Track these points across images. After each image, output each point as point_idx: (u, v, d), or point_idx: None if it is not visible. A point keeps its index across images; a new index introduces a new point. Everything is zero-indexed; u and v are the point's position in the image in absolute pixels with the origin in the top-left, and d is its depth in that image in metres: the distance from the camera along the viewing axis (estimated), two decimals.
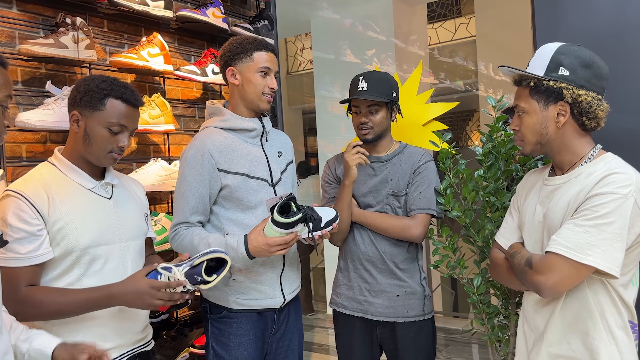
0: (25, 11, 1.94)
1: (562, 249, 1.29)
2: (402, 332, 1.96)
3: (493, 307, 1.94)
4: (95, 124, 1.48)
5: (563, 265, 1.28)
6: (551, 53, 1.39)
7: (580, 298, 1.35)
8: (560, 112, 1.37)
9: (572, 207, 1.34)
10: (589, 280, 1.33)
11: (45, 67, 2.00)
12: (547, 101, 1.38)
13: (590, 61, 1.37)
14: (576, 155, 1.40)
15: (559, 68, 1.37)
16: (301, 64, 7.48)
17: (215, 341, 1.81)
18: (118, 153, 1.53)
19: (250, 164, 1.80)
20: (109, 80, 1.51)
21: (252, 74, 1.78)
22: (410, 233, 1.91)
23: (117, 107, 1.49)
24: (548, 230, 1.40)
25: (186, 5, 2.53)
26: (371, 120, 1.93)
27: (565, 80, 1.36)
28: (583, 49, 1.39)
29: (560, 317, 1.38)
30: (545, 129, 1.39)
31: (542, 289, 1.32)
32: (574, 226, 1.29)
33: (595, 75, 1.36)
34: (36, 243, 1.40)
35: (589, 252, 1.26)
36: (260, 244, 1.64)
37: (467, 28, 6.34)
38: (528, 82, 1.41)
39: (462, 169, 1.97)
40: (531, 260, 1.36)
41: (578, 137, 1.39)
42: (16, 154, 1.91)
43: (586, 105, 1.35)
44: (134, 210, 1.66)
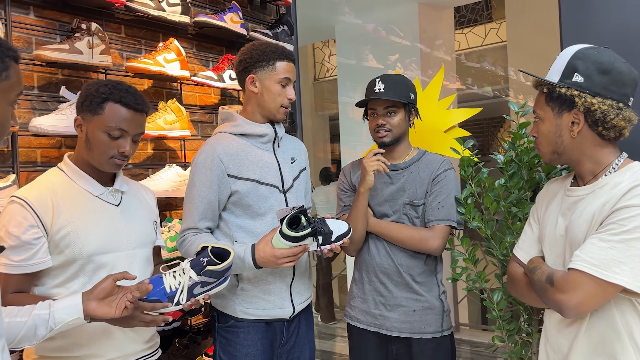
0: (42, 17, 1.96)
1: (586, 266, 1.19)
2: (418, 349, 1.87)
3: (514, 324, 1.84)
4: (95, 129, 1.46)
5: (587, 284, 1.19)
6: (568, 58, 1.30)
7: (607, 318, 1.25)
8: (574, 121, 1.29)
9: (596, 221, 1.24)
10: (616, 300, 1.23)
11: (61, 72, 2.00)
12: (561, 109, 1.30)
13: (609, 67, 1.27)
14: (599, 165, 1.30)
15: (573, 74, 1.28)
16: (328, 70, 7.46)
17: (222, 351, 1.77)
18: (120, 159, 1.49)
19: (261, 169, 1.76)
20: (111, 84, 1.48)
21: (273, 83, 1.74)
22: (428, 245, 1.83)
23: (117, 111, 1.46)
24: (570, 244, 1.30)
25: (204, 10, 2.52)
26: (388, 122, 1.87)
27: (579, 87, 1.27)
28: (606, 52, 1.29)
29: (585, 338, 1.28)
30: (559, 137, 1.31)
31: (564, 308, 1.23)
32: (599, 241, 1.20)
33: (614, 81, 1.26)
34: (30, 252, 1.38)
35: (616, 269, 1.17)
36: (267, 254, 1.60)
37: (498, 33, 6.21)
38: (542, 88, 1.34)
39: (484, 177, 1.88)
40: (552, 277, 1.27)
41: (598, 146, 1.30)
42: (31, 158, 1.92)
43: (601, 114, 1.25)
44: (142, 218, 1.63)
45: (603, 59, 1.27)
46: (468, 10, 6.33)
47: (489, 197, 1.85)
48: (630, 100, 1.29)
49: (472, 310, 5.25)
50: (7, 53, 1.08)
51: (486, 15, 6.33)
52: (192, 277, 1.45)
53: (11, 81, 1.09)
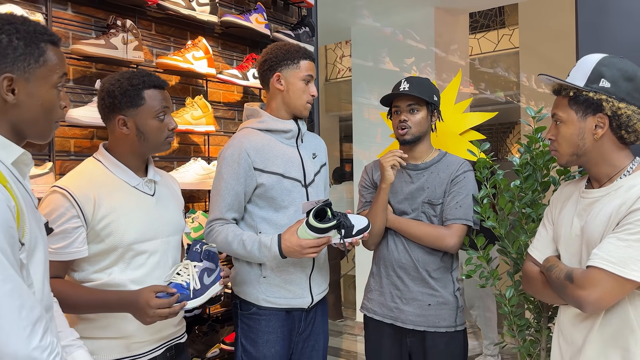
0: (79, 13, 2.04)
1: (605, 264, 1.26)
2: (432, 342, 1.94)
3: (524, 320, 1.90)
4: (144, 118, 1.53)
5: (606, 280, 1.26)
6: (593, 64, 1.37)
7: (621, 313, 1.31)
8: (598, 124, 1.35)
9: (613, 221, 1.31)
10: (630, 296, 1.30)
11: (95, 66, 2.09)
12: (586, 112, 1.36)
13: (633, 74, 1.34)
14: (614, 168, 1.37)
15: (600, 79, 1.35)
16: (340, 71, 7.53)
17: (244, 337, 1.85)
18: (172, 137, 1.61)
19: (285, 164, 1.84)
20: (136, 75, 1.55)
21: (297, 81, 1.84)
22: (445, 242, 1.90)
23: (154, 95, 1.56)
24: (587, 244, 1.37)
25: (230, 10, 2.60)
26: (410, 119, 1.93)
27: (606, 92, 1.34)
28: (627, 61, 1.37)
29: (599, 332, 1.35)
30: (582, 140, 1.38)
31: (584, 304, 1.30)
32: (617, 240, 1.27)
33: (637, 88, 1.34)
34: (68, 241, 1.44)
35: (634, 266, 1.24)
36: (293, 244, 1.67)
37: (510, 39, 6.26)
38: (567, 92, 1.40)
39: (500, 179, 1.94)
40: (572, 275, 1.34)
41: (617, 150, 1.37)
42: (65, 148, 2.00)
43: (626, 118, 1.32)
44: (174, 207, 1.71)
45: (627, 67, 1.35)
46: (481, 15, 6.38)
47: (504, 197, 1.91)
48: None
49: None
50: (42, 38, 1.11)
51: (499, 21, 6.38)
52: (197, 266, 1.53)
53: (50, 65, 1.12)
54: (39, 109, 1.12)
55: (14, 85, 1.08)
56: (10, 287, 0.98)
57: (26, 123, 1.13)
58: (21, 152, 1.12)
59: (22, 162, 1.14)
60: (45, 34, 1.12)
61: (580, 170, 1.77)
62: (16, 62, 1.08)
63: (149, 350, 1.58)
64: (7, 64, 1.07)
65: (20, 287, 1.00)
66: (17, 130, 1.12)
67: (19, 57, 1.08)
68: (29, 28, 1.10)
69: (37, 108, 1.12)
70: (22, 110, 1.11)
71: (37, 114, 1.13)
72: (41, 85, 1.12)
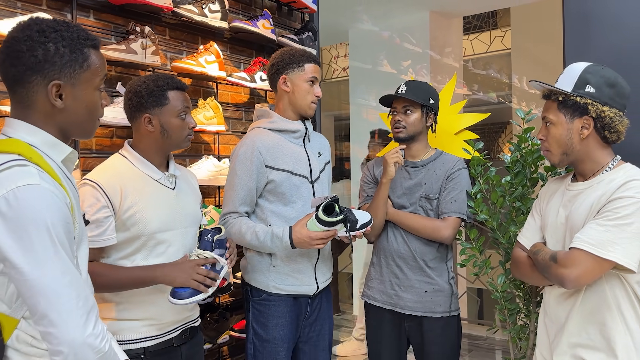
0: (100, 19, 2.18)
1: (585, 245, 1.42)
2: (429, 327, 2.10)
3: (515, 305, 2.07)
4: (168, 117, 1.68)
5: (586, 260, 1.41)
6: (579, 72, 1.53)
7: (599, 292, 1.48)
8: (584, 126, 1.51)
9: (594, 209, 1.47)
10: (607, 276, 1.46)
11: (115, 69, 2.23)
12: (573, 115, 1.52)
13: (614, 81, 1.51)
14: (598, 164, 1.53)
15: (586, 85, 1.51)
16: (335, 71, 7.67)
17: (255, 321, 1.99)
18: (192, 134, 1.75)
19: (293, 162, 1.98)
20: (161, 78, 1.70)
21: (302, 82, 1.98)
22: (440, 234, 2.05)
23: (177, 96, 1.70)
24: (570, 230, 1.53)
25: (238, 16, 2.74)
26: (404, 120, 2.09)
27: (591, 96, 1.50)
28: (609, 69, 1.53)
29: (580, 309, 1.51)
30: (570, 140, 1.53)
31: (566, 281, 1.45)
32: (597, 225, 1.43)
33: (618, 94, 1.50)
34: (102, 229, 1.57)
35: (610, 248, 1.39)
36: (303, 236, 1.82)
37: (503, 41, 6.43)
38: (557, 97, 1.55)
39: (492, 175, 2.11)
40: (556, 256, 1.50)
41: (600, 148, 1.53)
42: (87, 146, 2.14)
43: (609, 120, 1.49)
44: (192, 200, 1.85)
45: (609, 74, 1.52)
46: (474, 17, 6.54)
47: (495, 192, 2.08)
48: (625, 110, 1.53)
49: (471, 307, 5.48)
50: (86, 43, 1.17)
51: (492, 22, 6.54)
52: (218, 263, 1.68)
53: (93, 68, 1.18)
54: (84, 110, 1.20)
55: (61, 91, 1.15)
56: (69, 279, 1.07)
57: (73, 124, 1.20)
58: (69, 151, 1.21)
59: (70, 160, 1.23)
60: (88, 39, 1.18)
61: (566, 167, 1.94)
62: (63, 69, 1.14)
63: (167, 332, 1.72)
64: (55, 71, 1.13)
65: (77, 279, 1.10)
66: (64, 130, 1.20)
67: (66, 64, 1.14)
68: (73, 34, 1.15)
69: (82, 110, 1.19)
70: (69, 113, 1.18)
71: (83, 115, 1.20)
72: (86, 88, 1.18)
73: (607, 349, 1.45)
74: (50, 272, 1.05)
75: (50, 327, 1.05)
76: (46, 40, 1.12)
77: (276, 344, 1.96)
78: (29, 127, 1.16)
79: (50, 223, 1.05)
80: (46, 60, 1.12)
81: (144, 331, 1.67)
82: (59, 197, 1.09)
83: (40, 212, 1.05)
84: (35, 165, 1.10)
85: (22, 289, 1.06)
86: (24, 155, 1.10)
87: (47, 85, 1.14)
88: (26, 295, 1.06)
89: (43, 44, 1.12)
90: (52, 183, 1.10)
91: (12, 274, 1.06)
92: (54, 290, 1.05)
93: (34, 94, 1.14)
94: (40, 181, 1.07)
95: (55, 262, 1.06)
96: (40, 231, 1.04)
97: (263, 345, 1.97)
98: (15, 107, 1.18)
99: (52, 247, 1.05)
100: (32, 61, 1.12)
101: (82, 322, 1.08)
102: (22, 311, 1.13)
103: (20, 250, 1.03)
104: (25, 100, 1.16)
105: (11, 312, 1.12)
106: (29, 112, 1.16)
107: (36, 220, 1.04)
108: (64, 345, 1.06)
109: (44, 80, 1.13)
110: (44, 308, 1.05)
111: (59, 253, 1.06)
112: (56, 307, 1.05)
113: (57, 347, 1.06)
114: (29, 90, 1.14)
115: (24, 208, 1.04)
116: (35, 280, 1.04)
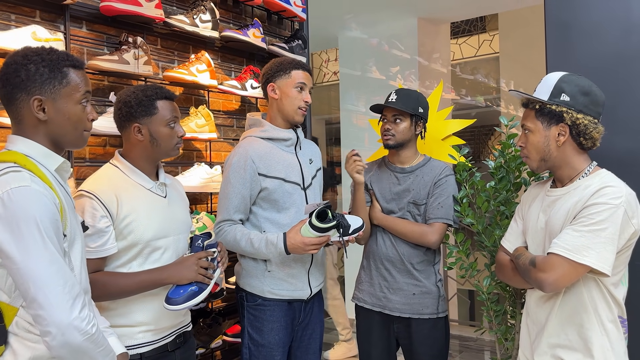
0: (93, 30, 2.22)
1: (562, 251, 1.48)
2: (417, 328, 2.15)
3: (500, 306, 2.13)
4: (157, 126, 1.72)
5: (563, 265, 1.47)
6: (555, 81, 1.59)
7: (577, 294, 1.54)
8: (560, 133, 1.57)
9: (571, 215, 1.53)
10: (584, 279, 1.52)
11: (107, 79, 2.27)
12: (550, 122, 1.58)
13: (588, 89, 1.57)
14: (575, 170, 1.60)
15: (561, 94, 1.57)
16: (325, 75, 7.72)
17: (250, 326, 2.04)
18: (180, 142, 1.80)
19: (285, 169, 2.03)
20: (150, 88, 1.75)
21: (290, 88, 2.03)
22: (427, 239, 2.11)
23: (166, 105, 1.75)
24: (549, 235, 1.59)
25: (229, 26, 2.79)
26: (394, 128, 2.15)
27: (566, 105, 1.56)
28: (583, 78, 1.60)
29: (559, 311, 1.57)
30: (547, 146, 1.59)
31: (544, 284, 1.51)
32: (573, 231, 1.49)
33: (592, 102, 1.56)
34: (104, 239, 1.62)
35: (585, 253, 1.45)
36: (297, 242, 1.87)
37: (491, 44, 6.51)
38: (534, 105, 1.62)
39: (477, 180, 2.17)
40: (535, 260, 1.56)
41: (576, 154, 1.59)
42: (81, 155, 2.17)
43: (583, 127, 1.55)
44: (182, 208, 1.90)
45: (584, 83, 1.58)
46: (463, 21, 6.62)
47: (481, 197, 2.14)
48: (600, 118, 1.59)
49: (461, 309, 5.54)
50: (65, 63, 1.32)
51: (480, 26, 6.63)
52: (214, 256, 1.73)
53: (73, 85, 1.32)
54: (67, 122, 1.33)
55: (43, 105, 1.30)
56: (56, 267, 1.20)
57: (59, 135, 1.34)
58: (62, 161, 1.35)
59: (63, 169, 1.37)
60: (67, 60, 1.33)
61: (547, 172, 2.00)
62: (43, 85, 1.29)
63: (162, 337, 1.76)
64: (36, 88, 1.29)
65: (64, 268, 1.23)
66: (54, 141, 1.34)
67: (45, 81, 1.29)
68: (52, 57, 1.31)
69: (65, 122, 1.33)
70: (54, 124, 1.32)
71: (66, 126, 1.34)
72: (67, 102, 1.32)
73: (585, 349, 1.51)
74: (39, 261, 1.19)
75: (40, 309, 1.18)
76: (28, 62, 1.29)
77: (271, 349, 2.00)
78: (25, 140, 1.32)
79: (39, 219, 1.19)
80: (28, 78, 1.28)
81: (141, 337, 1.71)
82: (47, 197, 1.23)
83: (30, 210, 1.19)
84: (28, 171, 1.25)
85: (15, 276, 1.20)
86: (18, 163, 1.25)
87: (30, 100, 1.29)
88: (19, 282, 1.20)
89: (25, 66, 1.28)
90: (42, 186, 1.24)
91: (7, 264, 1.20)
92: (41, 277, 1.18)
93: (21, 109, 1.31)
94: (31, 183, 1.22)
95: (43, 252, 1.19)
96: (30, 226, 1.18)
97: (259, 350, 2.01)
98: (12, 124, 1.35)
99: (40, 240, 1.19)
100: (17, 81, 1.28)
101: (68, 305, 1.20)
102: (20, 300, 1.25)
103: (13, 242, 1.18)
104: (17, 116, 1.32)
105: (11, 301, 1.26)
106: (21, 126, 1.33)
107: (27, 217, 1.18)
108: (52, 326, 1.18)
109: (27, 96, 1.29)
110: (33, 293, 1.18)
111: (46, 245, 1.20)
112: (44, 291, 1.18)
113: (46, 328, 1.18)
114: (17, 107, 1.31)
115: (16, 206, 1.18)
116: (26, 268, 1.18)
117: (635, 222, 1.48)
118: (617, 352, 1.50)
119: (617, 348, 1.51)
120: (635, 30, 2.03)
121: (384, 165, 2.29)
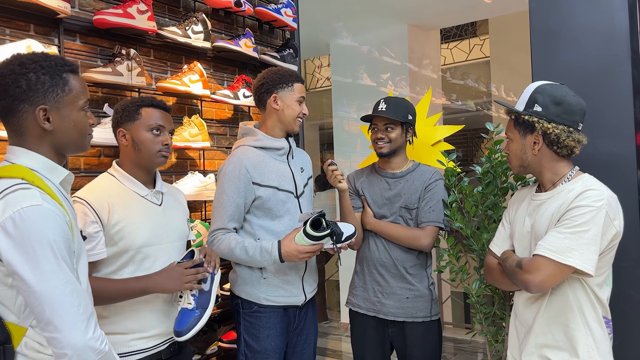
0: (87, 43, 2.25)
1: (547, 252, 1.52)
2: (410, 331, 2.19)
3: (490, 308, 2.17)
4: (139, 131, 1.76)
5: (548, 266, 1.52)
6: (530, 92, 1.65)
7: (563, 295, 1.58)
8: (535, 141, 1.63)
9: (555, 218, 1.58)
10: (569, 280, 1.57)
11: (101, 91, 2.30)
12: (525, 132, 1.65)
13: (561, 99, 1.61)
14: (557, 175, 1.65)
15: (534, 105, 1.63)
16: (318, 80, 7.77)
17: (246, 333, 2.06)
18: (165, 151, 1.80)
19: (279, 178, 2.07)
20: (140, 97, 1.82)
21: (292, 101, 2.09)
22: (420, 242, 2.16)
23: (151, 112, 1.79)
24: (535, 238, 1.63)
25: (221, 36, 2.83)
26: (387, 136, 2.20)
27: (538, 115, 1.62)
28: (558, 88, 1.64)
29: (546, 312, 1.61)
30: (524, 154, 1.66)
31: (530, 286, 1.55)
32: (557, 233, 1.54)
33: (565, 111, 1.61)
34: (92, 244, 1.65)
35: (569, 254, 1.50)
36: (291, 250, 1.90)
37: (482, 49, 6.58)
38: (511, 115, 1.69)
39: (465, 185, 2.21)
40: (521, 262, 1.60)
41: (555, 161, 1.64)
42: (76, 165, 2.20)
43: (555, 137, 1.60)
44: (179, 216, 1.93)
45: (557, 93, 1.62)
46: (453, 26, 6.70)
47: (469, 202, 2.18)
48: (579, 125, 1.63)
49: (455, 311, 5.58)
50: (64, 69, 1.27)
51: (471, 31, 6.70)
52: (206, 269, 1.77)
53: (75, 91, 1.29)
54: (72, 130, 1.31)
55: (48, 114, 1.26)
56: (70, 288, 1.19)
57: (65, 143, 1.31)
58: (67, 174, 1.33)
59: (67, 181, 1.35)
60: (65, 65, 1.29)
61: (534, 178, 2.05)
62: (47, 94, 1.25)
63: (155, 345, 1.78)
64: (39, 98, 1.24)
65: (78, 289, 1.21)
66: (58, 150, 1.32)
67: (48, 90, 1.25)
68: (50, 63, 1.26)
69: (71, 130, 1.30)
70: (60, 134, 1.29)
71: (72, 134, 1.31)
72: (71, 110, 1.29)
73: (570, 348, 1.56)
74: (54, 284, 1.16)
75: (55, 332, 1.17)
76: (27, 71, 1.23)
77: (268, 355, 2.03)
78: (28, 153, 1.27)
79: (52, 240, 1.17)
80: (30, 88, 1.23)
81: (133, 344, 1.73)
82: (59, 215, 1.20)
83: (43, 230, 1.16)
84: (37, 188, 1.21)
85: (29, 299, 1.17)
86: (26, 179, 1.21)
87: (35, 111, 1.25)
88: (33, 305, 1.17)
89: (24, 75, 1.23)
90: (52, 203, 1.21)
91: (20, 286, 1.17)
92: (57, 300, 1.17)
93: (24, 121, 1.26)
94: (42, 202, 1.18)
95: (58, 274, 1.17)
96: (44, 247, 1.16)
97: (255, 357, 2.04)
98: (11, 136, 1.30)
99: (55, 261, 1.17)
100: (18, 92, 1.23)
101: (83, 327, 1.19)
102: (29, 320, 1.24)
103: (27, 264, 1.15)
104: (19, 129, 1.27)
105: (20, 322, 1.24)
106: (24, 138, 1.28)
107: (40, 238, 1.16)
108: (68, 348, 1.17)
109: (31, 107, 1.24)
110: (49, 315, 1.16)
111: (61, 266, 1.18)
112: (60, 314, 1.17)
113: (61, 350, 1.17)
114: (19, 119, 1.26)
115: (29, 227, 1.15)
116: (41, 292, 1.16)
117: (617, 223, 1.53)
118: (601, 352, 1.55)
119: (602, 347, 1.55)
120: (617, 36, 2.08)
121: (374, 171, 2.33)
